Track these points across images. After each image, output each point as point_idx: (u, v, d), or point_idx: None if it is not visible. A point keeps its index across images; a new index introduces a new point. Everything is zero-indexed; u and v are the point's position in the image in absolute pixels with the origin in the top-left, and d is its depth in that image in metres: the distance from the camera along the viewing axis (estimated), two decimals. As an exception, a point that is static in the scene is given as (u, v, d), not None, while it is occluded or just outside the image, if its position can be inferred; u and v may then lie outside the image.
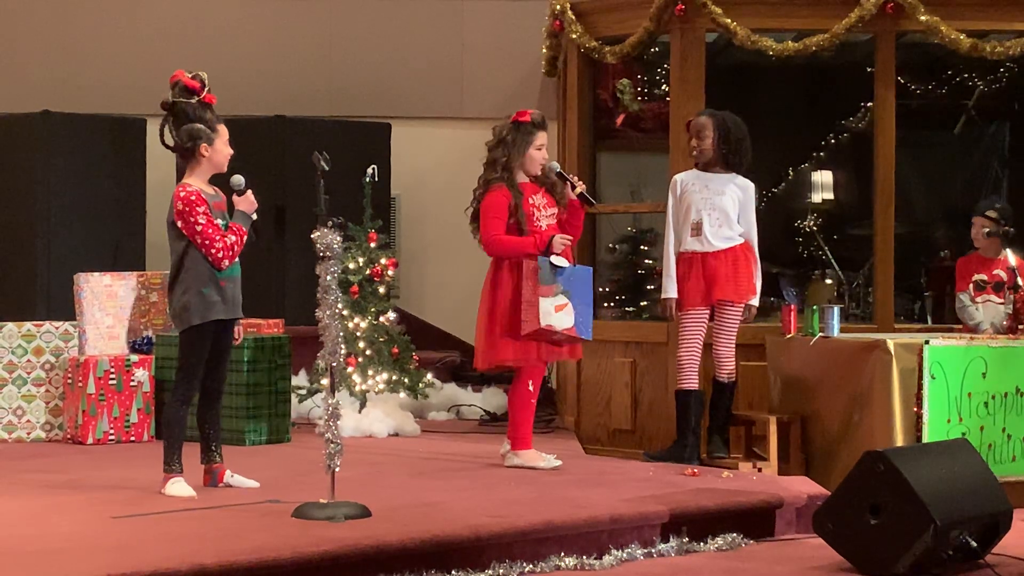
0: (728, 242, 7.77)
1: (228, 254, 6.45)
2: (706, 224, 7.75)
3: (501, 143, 7.41)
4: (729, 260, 7.75)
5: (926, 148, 10.39)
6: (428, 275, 11.84)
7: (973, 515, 5.78)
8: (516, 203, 7.35)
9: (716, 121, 7.81)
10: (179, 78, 6.53)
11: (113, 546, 5.26)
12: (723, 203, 7.76)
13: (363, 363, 9.07)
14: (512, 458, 7.42)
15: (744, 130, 7.84)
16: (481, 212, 7.40)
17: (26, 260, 10.43)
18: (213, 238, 6.42)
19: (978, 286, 8.25)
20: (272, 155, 10.69)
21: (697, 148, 7.85)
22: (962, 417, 7.23)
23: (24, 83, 11.64)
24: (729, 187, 7.79)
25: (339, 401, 6.08)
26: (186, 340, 6.53)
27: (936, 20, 8.41)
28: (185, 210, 6.42)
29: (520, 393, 7.42)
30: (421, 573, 5.40)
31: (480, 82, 11.82)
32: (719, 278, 7.71)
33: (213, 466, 6.68)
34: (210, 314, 6.48)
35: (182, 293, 6.48)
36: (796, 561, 5.98)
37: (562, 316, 7.28)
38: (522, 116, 7.42)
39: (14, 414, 8.48)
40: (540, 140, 7.44)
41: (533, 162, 7.44)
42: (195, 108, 6.50)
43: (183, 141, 6.51)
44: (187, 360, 6.53)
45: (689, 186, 7.84)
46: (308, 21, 11.92)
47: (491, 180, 7.41)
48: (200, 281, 6.45)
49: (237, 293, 6.61)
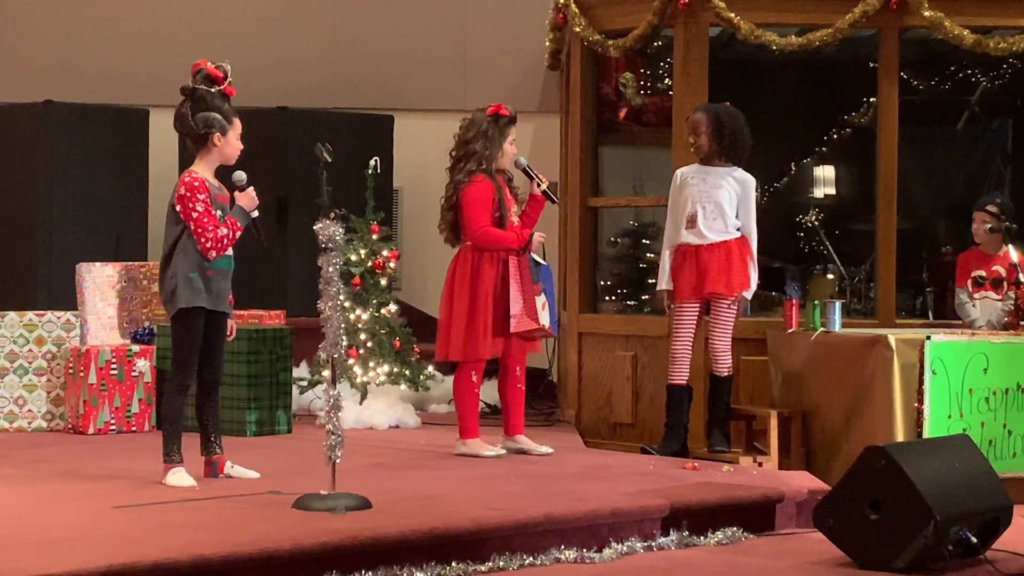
0: (722, 235, 7.77)
1: (217, 246, 6.46)
2: (700, 216, 7.77)
3: (482, 136, 7.46)
4: (722, 253, 7.75)
5: (929, 144, 10.38)
6: (430, 267, 11.81)
7: (973, 511, 5.78)
8: (499, 196, 7.43)
9: (710, 116, 7.86)
10: (203, 66, 6.56)
11: (114, 536, 5.26)
12: (719, 196, 7.78)
13: (364, 355, 9.08)
14: (459, 446, 7.54)
15: (740, 122, 7.86)
16: (466, 203, 7.43)
17: (28, 250, 10.43)
18: (206, 227, 6.43)
19: (976, 282, 8.25)
20: (275, 146, 10.69)
21: (695, 144, 7.90)
22: (963, 413, 7.23)
23: (27, 73, 11.63)
24: (727, 180, 7.81)
25: (340, 393, 6.08)
26: (176, 326, 6.54)
27: (940, 16, 8.41)
28: (186, 195, 6.45)
29: (464, 384, 7.50)
30: (421, 565, 5.40)
31: (483, 75, 11.81)
32: (711, 271, 7.72)
33: (213, 457, 6.68)
34: (196, 300, 6.47)
35: (170, 277, 6.50)
36: (796, 555, 5.98)
37: (544, 314, 7.43)
38: (500, 110, 7.49)
39: (15, 403, 8.49)
40: (513, 135, 7.54)
41: (506, 156, 7.54)
42: (214, 97, 6.53)
43: (198, 127, 6.52)
44: (180, 347, 6.54)
45: (689, 179, 7.89)
46: (311, 12, 11.92)
47: (474, 171, 7.45)
48: (188, 266, 6.46)
49: (224, 287, 6.59)
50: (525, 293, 7.33)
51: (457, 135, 7.57)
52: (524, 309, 7.33)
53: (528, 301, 7.33)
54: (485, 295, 7.37)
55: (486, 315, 7.36)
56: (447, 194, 7.55)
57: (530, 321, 7.33)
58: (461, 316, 7.39)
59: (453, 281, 7.46)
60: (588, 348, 8.88)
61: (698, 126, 7.88)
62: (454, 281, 7.45)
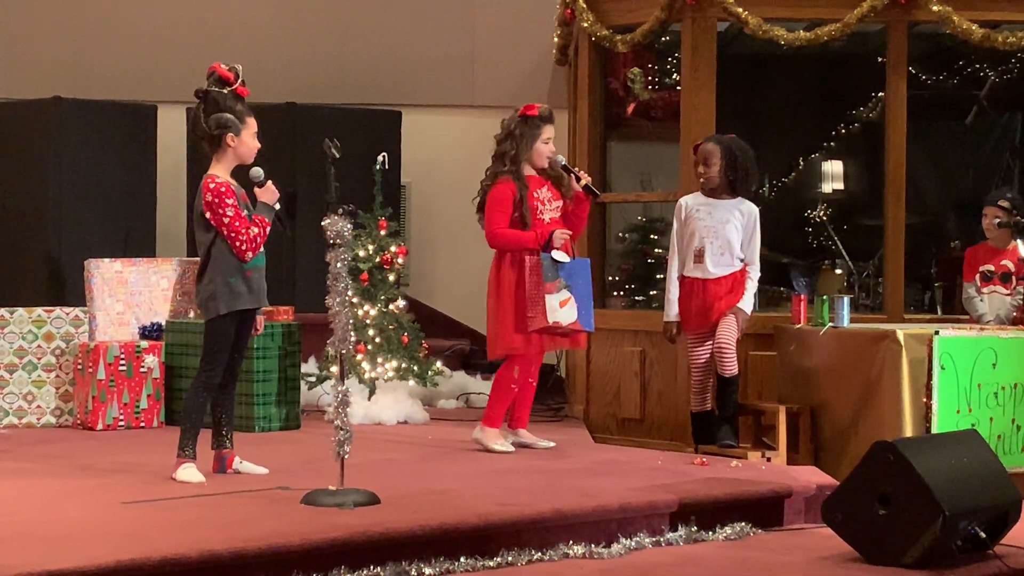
0: (728, 269, 7.78)
1: (252, 246, 6.51)
2: (708, 252, 7.75)
3: (509, 136, 7.50)
4: (728, 285, 7.78)
5: (937, 138, 10.37)
6: (438, 263, 11.85)
7: (982, 506, 5.78)
8: (521, 196, 7.44)
9: (724, 148, 7.79)
10: (215, 68, 6.60)
11: (123, 531, 5.27)
12: (727, 232, 7.77)
13: (372, 351, 9.09)
14: (477, 431, 7.59)
15: (751, 156, 7.84)
16: (486, 205, 7.50)
17: (37, 246, 10.44)
18: (239, 231, 6.47)
19: (985, 277, 8.24)
20: (283, 143, 10.68)
21: (704, 175, 7.83)
22: (971, 408, 7.22)
23: (35, 69, 11.65)
24: (734, 214, 7.80)
25: (348, 388, 6.08)
26: (212, 328, 6.57)
27: (948, 10, 8.40)
28: (215, 202, 6.46)
29: (504, 376, 7.56)
30: (430, 560, 5.41)
31: (491, 70, 11.82)
32: (718, 303, 7.75)
33: (222, 452, 6.69)
34: (236, 303, 6.53)
35: (209, 282, 6.53)
36: (805, 551, 5.97)
37: (567, 311, 7.42)
38: (529, 110, 7.51)
39: (24, 399, 8.50)
40: (547, 134, 7.53)
41: (540, 155, 7.52)
42: (226, 98, 6.56)
43: (211, 129, 6.55)
44: (212, 348, 6.57)
45: (694, 212, 7.84)
46: (320, 8, 11.92)
47: (498, 173, 7.50)
48: (227, 271, 6.50)
49: (262, 282, 6.68)
50: (534, 292, 7.36)
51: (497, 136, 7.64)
52: (532, 308, 7.36)
53: (537, 301, 7.35)
54: (507, 294, 7.42)
55: (508, 313, 7.41)
56: (478, 195, 7.61)
57: (542, 319, 7.36)
58: (489, 315, 7.52)
59: (489, 282, 7.55)
60: (596, 343, 8.87)
61: (710, 157, 7.79)
62: (490, 282, 7.54)
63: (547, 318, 7.34)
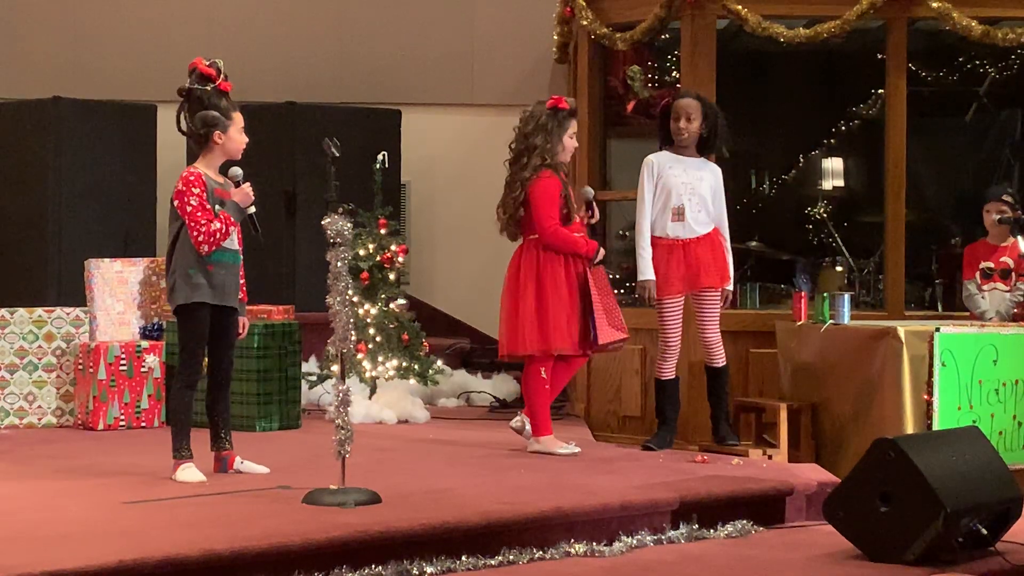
0: (706, 227, 7.72)
1: (209, 240, 6.43)
2: (688, 209, 7.69)
3: (541, 129, 7.34)
4: (709, 247, 7.70)
5: (937, 135, 10.36)
6: (438, 262, 11.84)
7: (983, 502, 5.78)
8: (566, 192, 7.35)
9: (704, 104, 7.76)
10: (196, 65, 6.55)
11: (124, 531, 5.27)
12: (702, 189, 7.71)
13: (373, 350, 9.09)
14: (533, 444, 7.43)
15: (722, 115, 7.81)
16: (535, 199, 7.30)
17: (37, 246, 10.44)
18: (199, 221, 6.42)
19: (985, 274, 8.23)
20: (282, 141, 10.69)
21: (686, 130, 7.71)
22: (972, 404, 7.22)
23: (34, 69, 11.64)
24: (705, 172, 7.76)
25: (349, 387, 6.08)
26: (180, 323, 6.58)
27: (948, 7, 8.40)
28: (182, 190, 6.46)
29: (535, 380, 7.41)
30: (431, 559, 5.40)
31: (491, 69, 11.81)
32: (703, 265, 7.65)
33: (223, 453, 6.69)
34: (195, 295, 6.47)
35: (171, 273, 6.54)
36: (806, 548, 5.98)
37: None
38: (559, 103, 7.38)
39: (25, 400, 8.50)
40: (573, 128, 7.44)
41: (566, 150, 7.42)
42: (210, 95, 6.52)
43: (196, 128, 6.53)
44: (184, 344, 6.57)
45: (668, 168, 7.73)
46: (319, 7, 11.91)
47: (539, 166, 7.32)
48: (187, 262, 6.47)
49: (230, 282, 6.57)
50: (607, 303, 7.30)
51: (517, 128, 7.43)
52: (609, 320, 7.29)
53: (612, 311, 7.30)
54: (555, 292, 7.27)
55: (557, 312, 7.26)
56: (512, 191, 7.39)
57: (616, 332, 7.31)
58: (529, 312, 7.29)
59: (518, 276, 7.35)
60: (597, 342, 8.86)
61: (694, 112, 7.70)
62: (519, 276, 7.35)
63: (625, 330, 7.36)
